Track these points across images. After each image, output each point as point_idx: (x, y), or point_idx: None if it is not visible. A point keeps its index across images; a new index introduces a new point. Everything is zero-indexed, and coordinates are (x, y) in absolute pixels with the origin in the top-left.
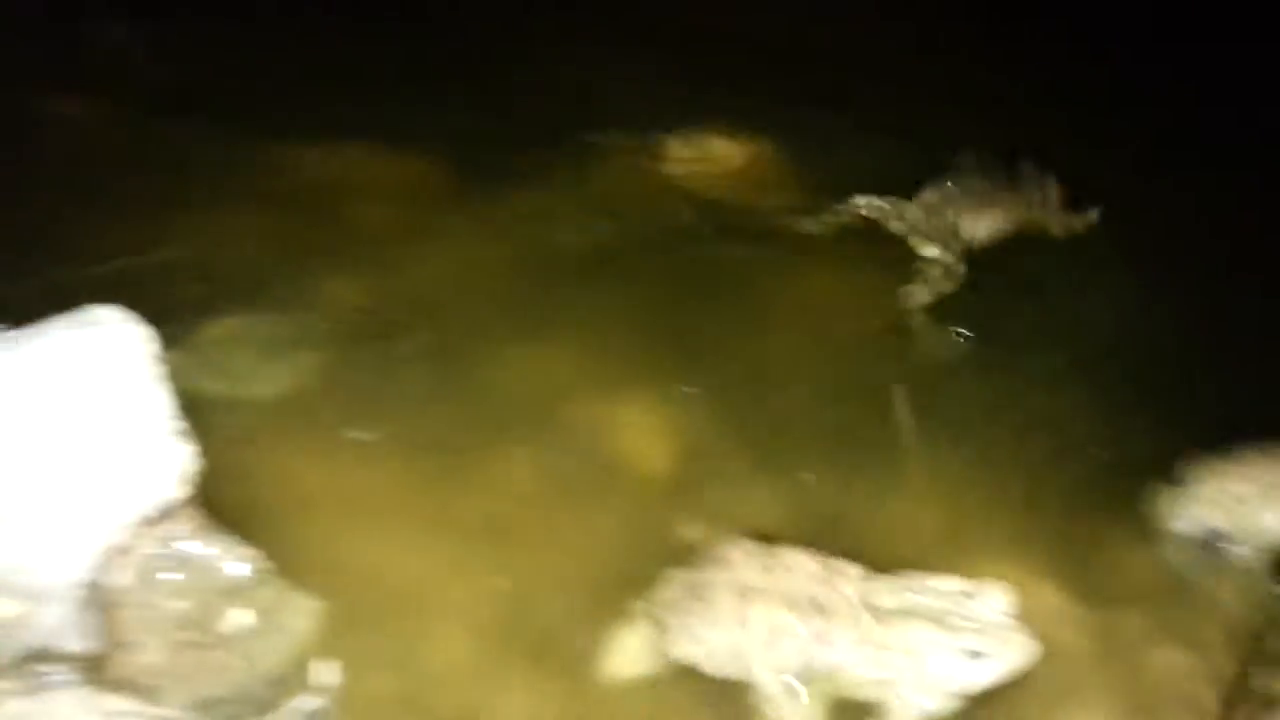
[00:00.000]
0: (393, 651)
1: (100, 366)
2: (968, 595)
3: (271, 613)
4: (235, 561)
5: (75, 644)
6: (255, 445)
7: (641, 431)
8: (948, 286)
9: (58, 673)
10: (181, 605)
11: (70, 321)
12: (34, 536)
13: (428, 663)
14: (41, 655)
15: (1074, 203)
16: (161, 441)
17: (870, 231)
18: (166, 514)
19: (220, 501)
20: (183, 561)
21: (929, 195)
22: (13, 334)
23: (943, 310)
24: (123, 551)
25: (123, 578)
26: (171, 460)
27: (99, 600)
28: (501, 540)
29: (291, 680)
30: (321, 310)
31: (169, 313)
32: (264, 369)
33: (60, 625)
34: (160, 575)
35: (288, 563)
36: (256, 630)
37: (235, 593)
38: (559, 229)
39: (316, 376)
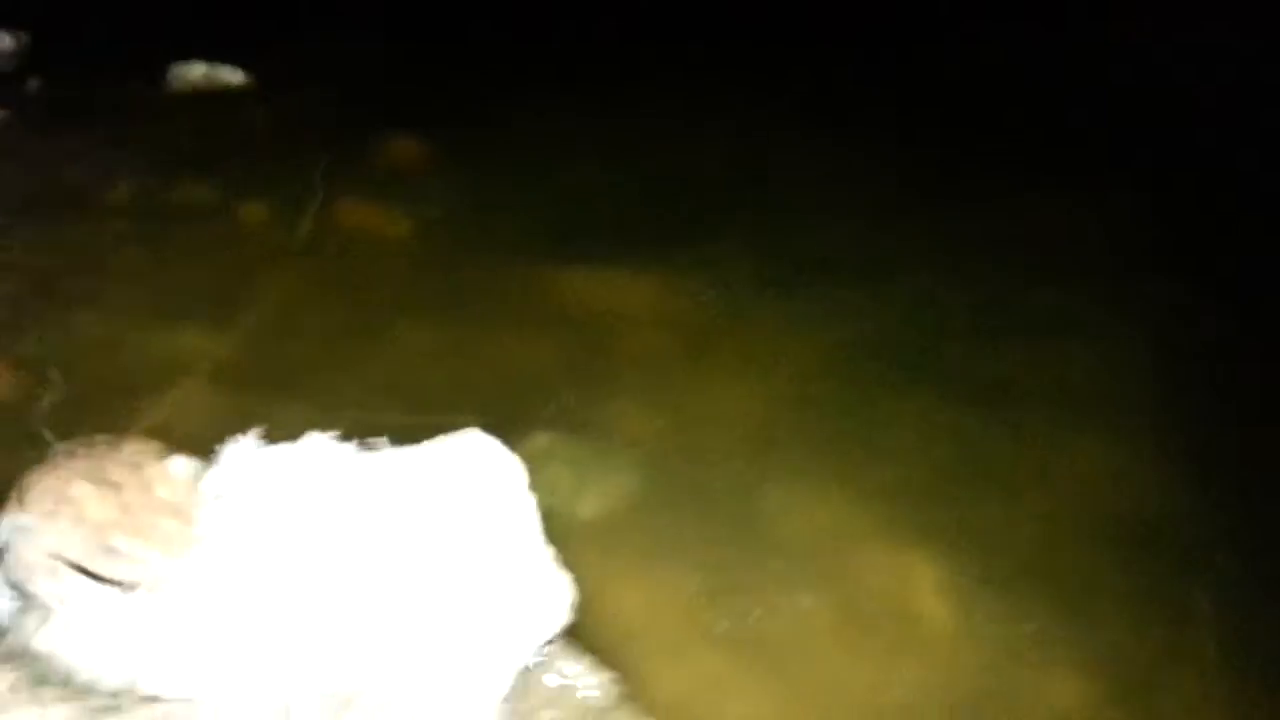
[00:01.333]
0: None
1: (482, 489)
2: None
3: None
4: (594, 680)
5: None
6: (591, 565)
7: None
8: None
9: None
10: (555, 716)
11: (450, 443)
12: (450, 660)
13: None
14: None
15: None
16: (546, 568)
17: None
18: (553, 639)
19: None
20: (555, 678)
21: None
22: (397, 451)
23: None
24: (530, 671)
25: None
26: (556, 587)
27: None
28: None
29: None
30: (621, 436)
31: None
32: (583, 489)
33: None
34: (537, 688)
35: (637, 689)
36: None
37: (597, 712)
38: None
39: (627, 501)
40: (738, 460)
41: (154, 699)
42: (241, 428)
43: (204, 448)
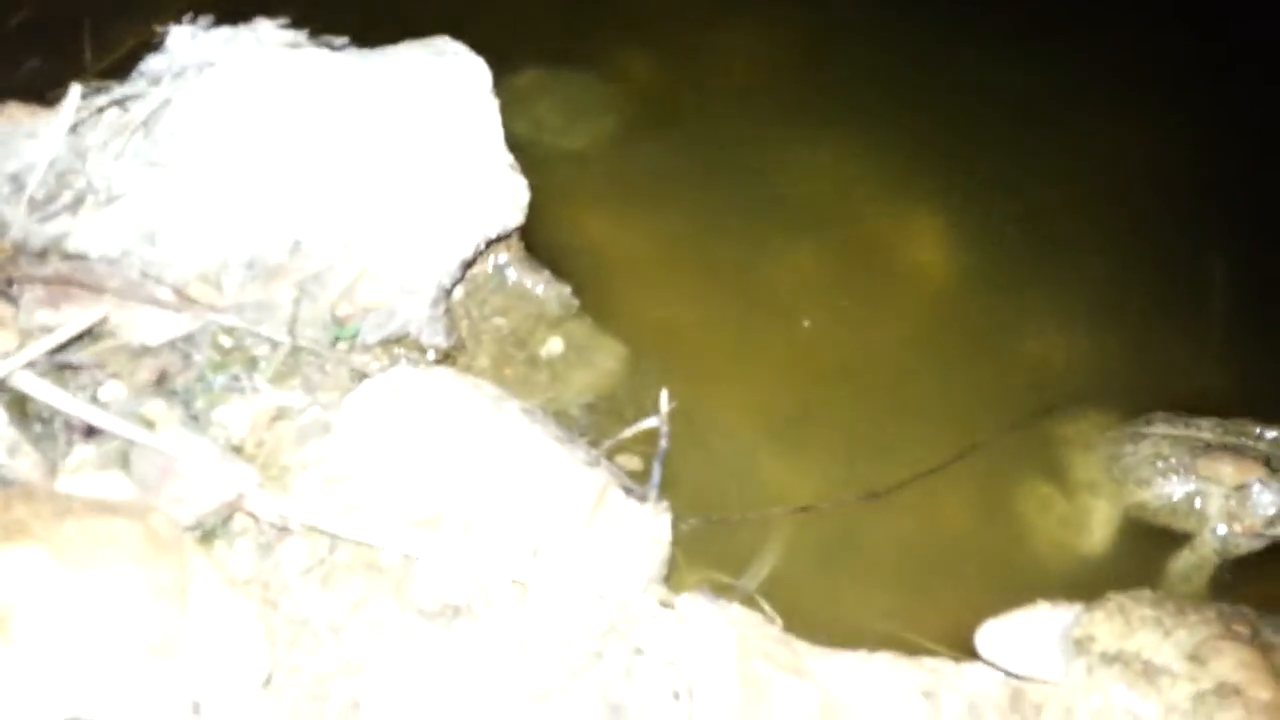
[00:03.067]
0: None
1: (447, 91)
2: None
3: (582, 348)
4: (551, 293)
5: (428, 339)
6: (565, 194)
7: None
8: None
9: (412, 357)
10: (504, 323)
11: (419, 46)
12: (400, 238)
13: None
14: (401, 342)
15: None
16: (500, 170)
17: None
18: (501, 238)
19: (535, 239)
20: (508, 285)
21: None
22: (365, 52)
23: None
24: (466, 264)
25: (463, 289)
26: (509, 189)
27: (447, 305)
28: (789, 315)
29: (602, 409)
30: (618, 80)
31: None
32: (571, 124)
33: (419, 320)
34: (490, 293)
35: (594, 307)
36: (568, 359)
37: (551, 322)
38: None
39: (615, 140)
40: (739, 109)
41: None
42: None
43: None
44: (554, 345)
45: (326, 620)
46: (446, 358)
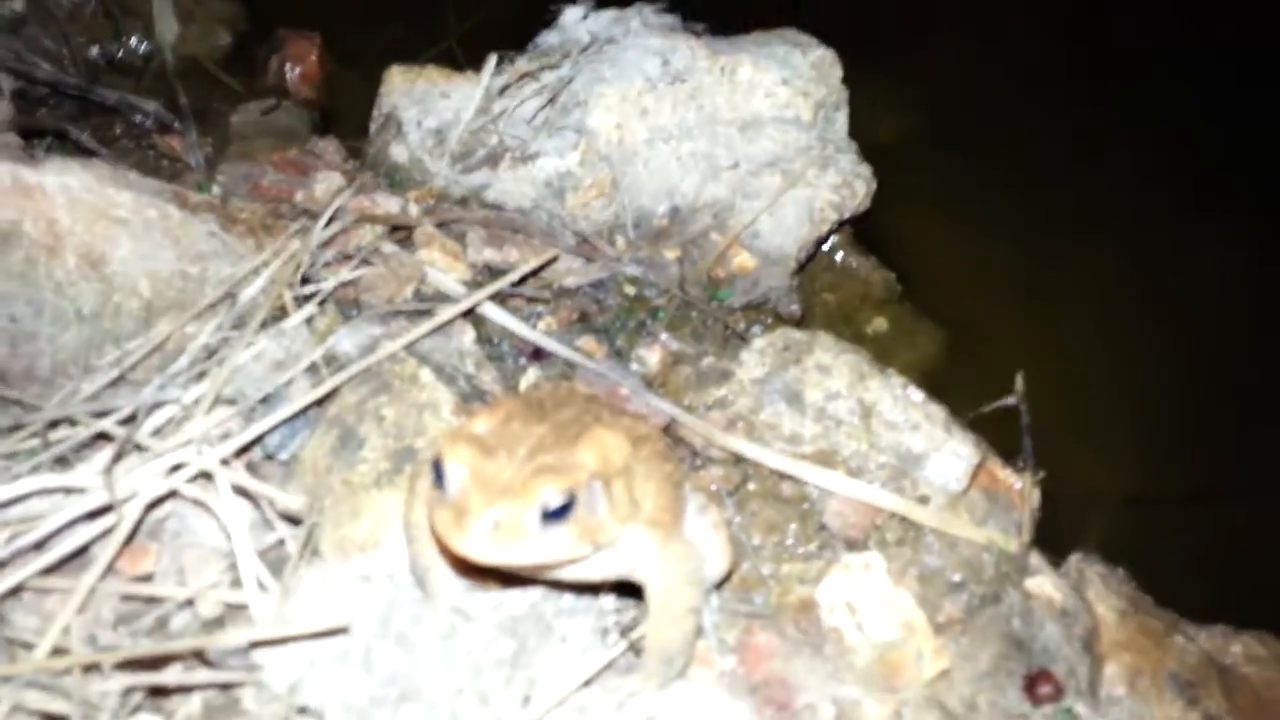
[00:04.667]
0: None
1: (804, 79)
2: None
3: (906, 329)
4: (877, 277)
5: (784, 307)
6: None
7: None
8: None
9: (766, 322)
10: (832, 299)
11: (774, 36)
12: (763, 213)
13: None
14: (760, 309)
15: None
16: (850, 156)
17: None
18: (846, 221)
19: (864, 226)
20: (837, 266)
21: None
22: (731, 39)
23: None
24: (820, 241)
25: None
26: (859, 174)
27: (800, 278)
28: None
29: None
30: (921, 79)
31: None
32: (879, 121)
33: (779, 289)
34: (821, 271)
35: (916, 295)
36: (891, 336)
37: (875, 303)
38: None
39: (924, 137)
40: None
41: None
42: None
43: None
44: (879, 324)
45: (745, 540)
46: (796, 326)
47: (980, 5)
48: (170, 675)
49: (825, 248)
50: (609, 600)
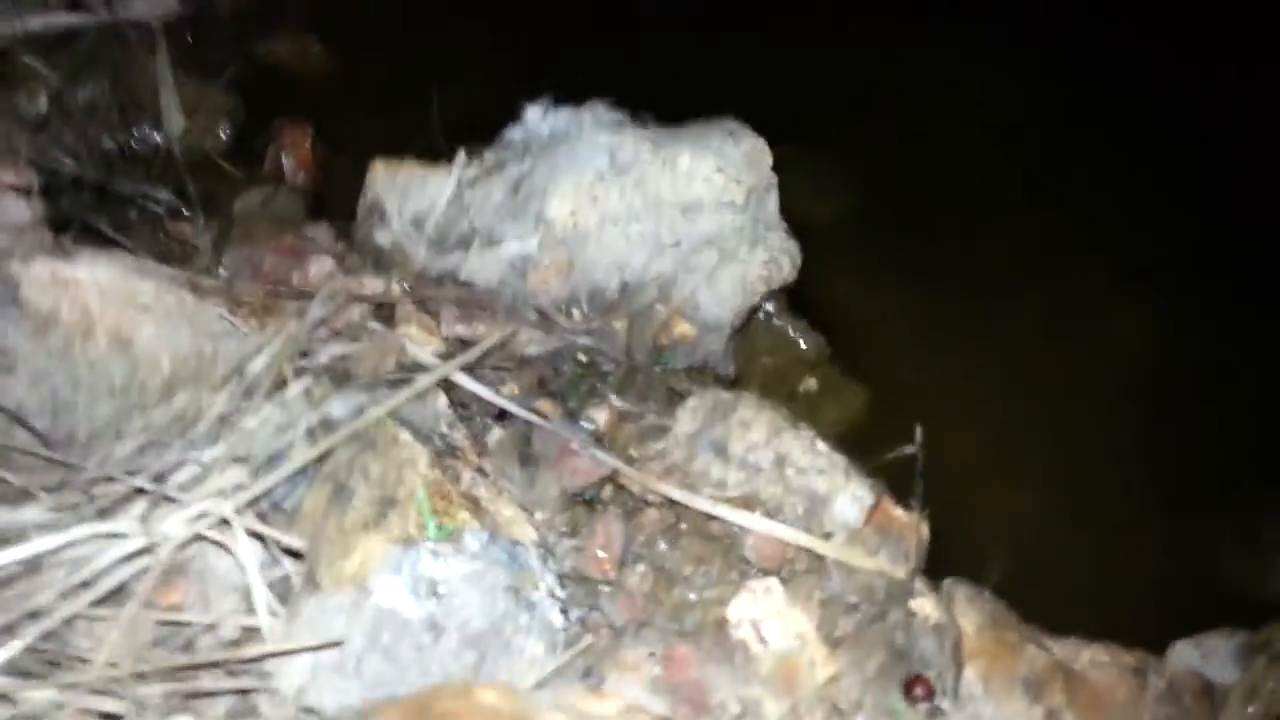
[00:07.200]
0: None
1: (737, 165)
2: None
3: (833, 389)
4: (810, 341)
5: (721, 369)
6: (817, 259)
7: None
8: None
9: (705, 383)
10: (770, 361)
11: (714, 126)
12: (701, 286)
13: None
14: (701, 370)
15: None
16: (778, 234)
17: None
18: (777, 291)
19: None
20: (773, 331)
21: None
22: (671, 130)
23: None
24: (752, 310)
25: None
26: (786, 250)
27: (735, 343)
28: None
29: (849, 440)
30: (853, 156)
31: None
32: (818, 198)
33: (716, 353)
34: (759, 335)
35: (843, 356)
36: (820, 394)
37: (807, 364)
38: None
39: (856, 212)
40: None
41: None
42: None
43: None
44: (810, 383)
45: (677, 571)
46: (731, 385)
47: (909, 93)
48: (199, 683)
49: (763, 314)
50: (558, 619)
